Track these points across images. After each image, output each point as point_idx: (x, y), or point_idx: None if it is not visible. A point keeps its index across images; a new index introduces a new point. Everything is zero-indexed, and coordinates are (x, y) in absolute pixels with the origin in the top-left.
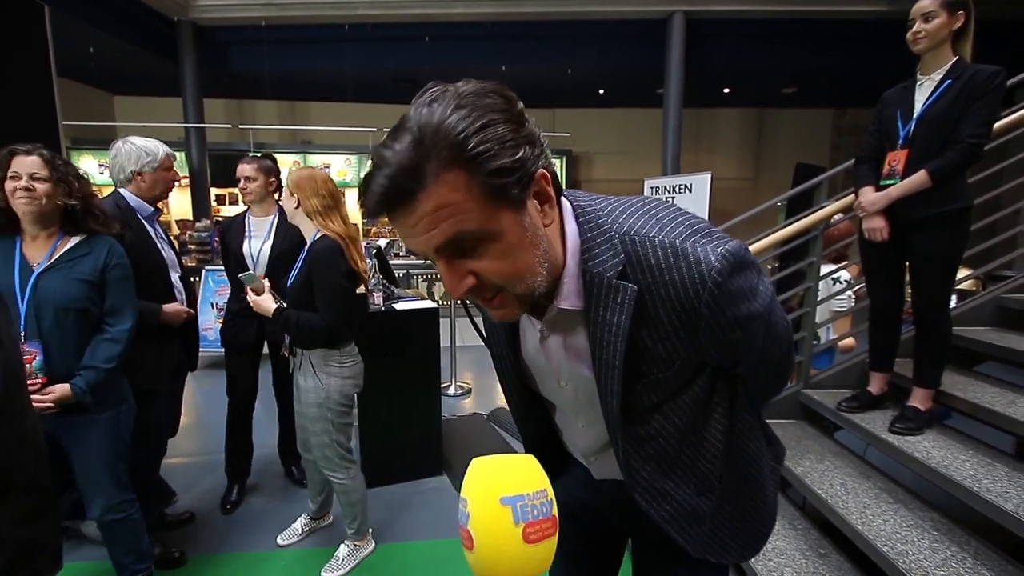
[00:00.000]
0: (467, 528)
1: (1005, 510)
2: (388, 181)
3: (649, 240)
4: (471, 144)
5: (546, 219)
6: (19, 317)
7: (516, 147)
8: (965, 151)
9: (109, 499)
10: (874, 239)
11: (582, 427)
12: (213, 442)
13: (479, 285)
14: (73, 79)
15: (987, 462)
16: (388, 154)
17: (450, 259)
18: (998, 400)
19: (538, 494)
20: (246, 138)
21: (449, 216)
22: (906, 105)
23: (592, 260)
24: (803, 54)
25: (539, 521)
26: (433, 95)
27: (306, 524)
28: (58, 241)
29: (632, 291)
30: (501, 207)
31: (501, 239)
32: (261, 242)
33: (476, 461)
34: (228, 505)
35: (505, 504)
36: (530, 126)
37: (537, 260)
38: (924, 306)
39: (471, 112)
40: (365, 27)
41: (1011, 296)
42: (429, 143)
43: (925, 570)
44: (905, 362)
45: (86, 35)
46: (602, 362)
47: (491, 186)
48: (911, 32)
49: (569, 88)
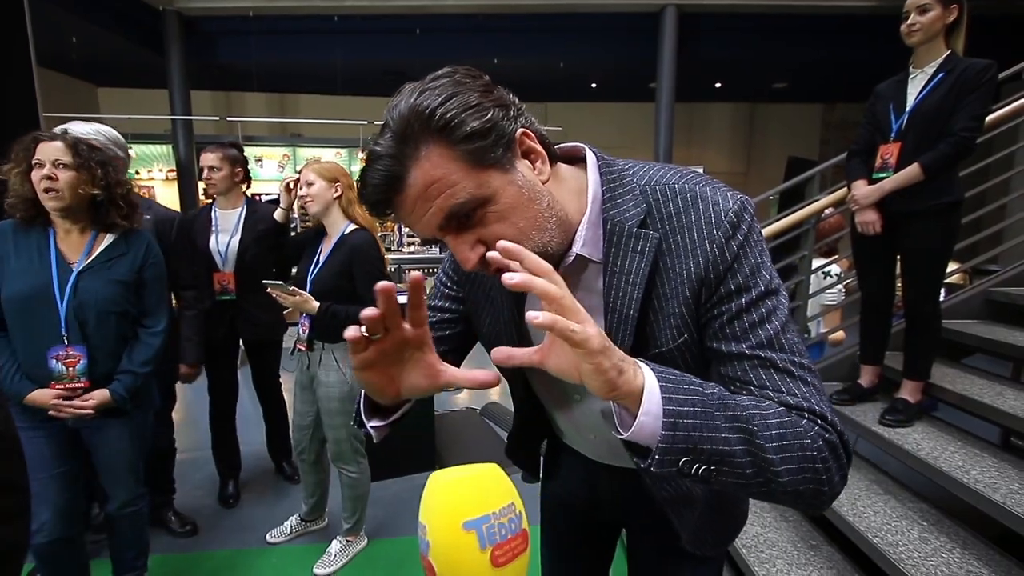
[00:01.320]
0: (427, 559)
1: (993, 500)
2: (379, 172)
3: (669, 187)
4: (437, 115)
5: (541, 175)
6: (59, 319)
7: (484, 110)
8: (957, 144)
9: (129, 494)
10: (867, 232)
11: (578, 399)
12: (200, 439)
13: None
14: (55, 70)
15: (975, 453)
16: (376, 149)
17: (456, 234)
18: (986, 392)
19: (505, 510)
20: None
21: (440, 191)
22: (899, 98)
23: (613, 209)
24: (794, 49)
25: (508, 540)
26: (402, 91)
27: (296, 525)
28: (93, 239)
29: (653, 238)
30: (488, 170)
31: (497, 201)
32: (228, 237)
33: (433, 479)
34: (230, 500)
35: (469, 529)
36: (500, 92)
37: (542, 215)
38: (915, 299)
39: (433, 91)
40: (355, 19)
41: (998, 289)
42: (403, 128)
43: (915, 560)
44: (895, 355)
45: (67, 24)
46: (615, 313)
47: (470, 151)
48: (906, 24)
49: (561, 82)
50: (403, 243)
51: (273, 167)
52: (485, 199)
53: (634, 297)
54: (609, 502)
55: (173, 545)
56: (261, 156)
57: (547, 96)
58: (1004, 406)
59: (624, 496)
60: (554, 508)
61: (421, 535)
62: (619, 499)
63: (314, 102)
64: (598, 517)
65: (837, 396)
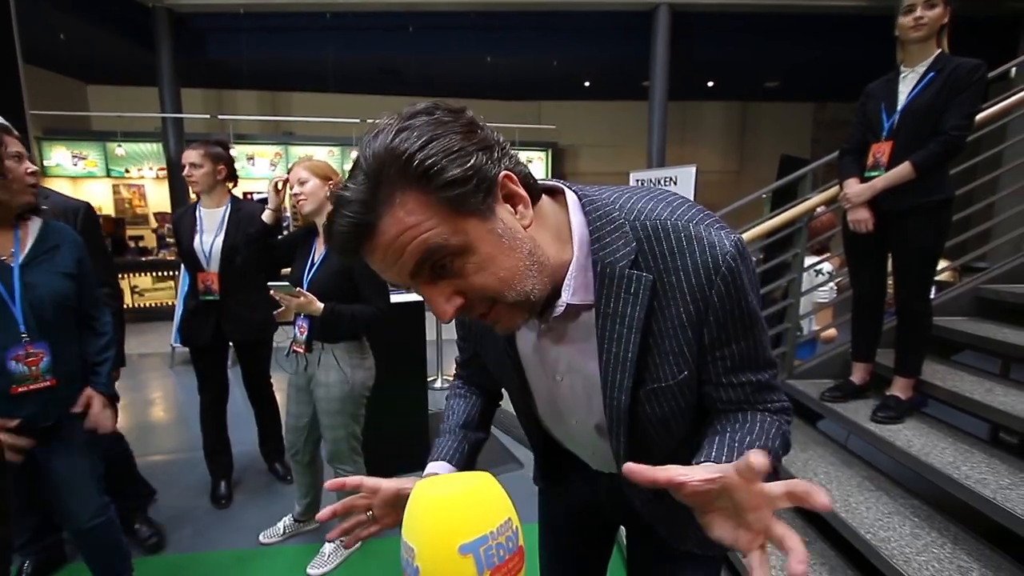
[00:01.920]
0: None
1: (983, 496)
2: (348, 220)
3: (661, 223)
4: (415, 162)
5: (523, 220)
6: (15, 317)
7: (466, 155)
8: (948, 143)
9: (95, 503)
10: (859, 231)
11: (574, 423)
12: (193, 439)
13: (468, 304)
14: (43, 67)
15: (965, 449)
16: (345, 194)
17: (429, 283)
18: (975, 388)
19: (503, 528)
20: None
21: (412, 238)
22: (889, 97)
23: (603, 250)
24: (786, 48)
25: (506, 561)
26: (377, 128)
27: (289, 526)
28: (17, 231)
29: (647, 280)
30: (465, 218)
31: (475, 251)
32: (213, 236)
33: (420, 491)
34: (222, 500)
35: (465, 553)
36: (484, 132)
37: (522, 264)
38: (907, 296)
39: (412, 132)
40: (347, 15)
41: (987, 287)
42: (377, 172)
43: (907, 555)
44: (886, 352)
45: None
46: (611, 355)
47: (448, 199)
48: (912, 18)
49: (555, 80)
50: None
51: (265, 165)
52: (462, 248)
53: (631, 340)
54: (610, 504)
55: (166, 545)
56: (253, 154)
57: (540, 94)
58: (993, 402)
59: (625, 498)
60: (554, 508)
61: (407, 557)
62: (621, 501)
63: (306, 100)
64: (598, 518)
65: (829, 393)
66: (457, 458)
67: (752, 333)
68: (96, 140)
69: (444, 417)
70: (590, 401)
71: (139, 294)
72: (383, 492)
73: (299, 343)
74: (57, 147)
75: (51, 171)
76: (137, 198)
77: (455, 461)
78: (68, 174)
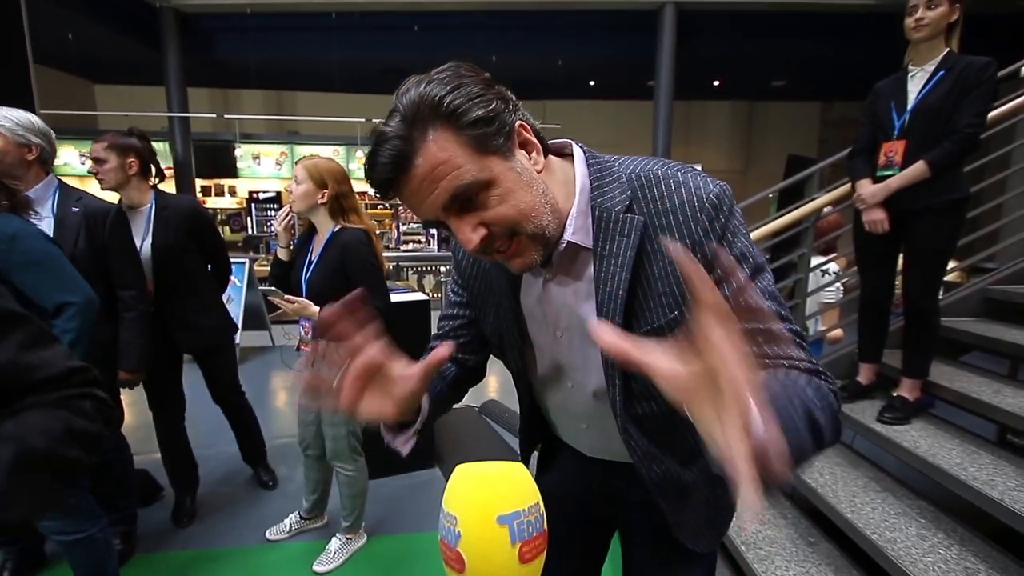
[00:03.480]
0: (456, 549)
1: (990, 497)
2: (388, 152)
3: (653, 174)
4: (446, 102)
5: (536, 165)
6: None
7: (488, 100)
8: (963, 141)
9: (69, 525)
10: (875, 231)
11: (571, 387)
12: (196, 436)
13: (491, 235)
14: (52, 67)
15: (972, 450)
16: (386, 130)
17: (458, 215)
18: (983, 389)
19: (532, 508)
20: (231, 128)
21: (445, 174)
22: (899, 96)
23: (601, 197)
24: (793, 47)
25: (534, 538)
26: (408, 83)
27: (296, 523)
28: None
29: (638, 222)
30: (490, 156)
31: (498, 185)
32: (141, 239)
33: (463, 470)
34: (184, 518)
35: (503, 523)
36: (499, 87)
37: (539, 200)
38: (916, 296)
39: (442, 81)
40: (353, 15)
41: (995, 287)
42: (413, 113)
43: (912, 557)
44: (893, 353)
45: (65, 21)
46: (605, 295)
47: (475, 137)
48: (913, 19)
49: (560, 80)
50: (400, 241)
51: (271, 164)
52: (487, 182)
53: (622, 278)
54: (602, 496)
55: (173, 542)
56: (259, 153)
57: (545, 94)
58: (1001, 403)
59: (618, 490)
60: (546, 503)
61: (448, 525)
62: (614, 494)
63: (312, 99)
64: (591, 512)
65: None
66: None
67: (748, 275)
68: None
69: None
70: (587, 358)
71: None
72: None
73: (305, 341)
74: (65, 146)
75: (59, 170)
76: None
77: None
78: (76, 173)
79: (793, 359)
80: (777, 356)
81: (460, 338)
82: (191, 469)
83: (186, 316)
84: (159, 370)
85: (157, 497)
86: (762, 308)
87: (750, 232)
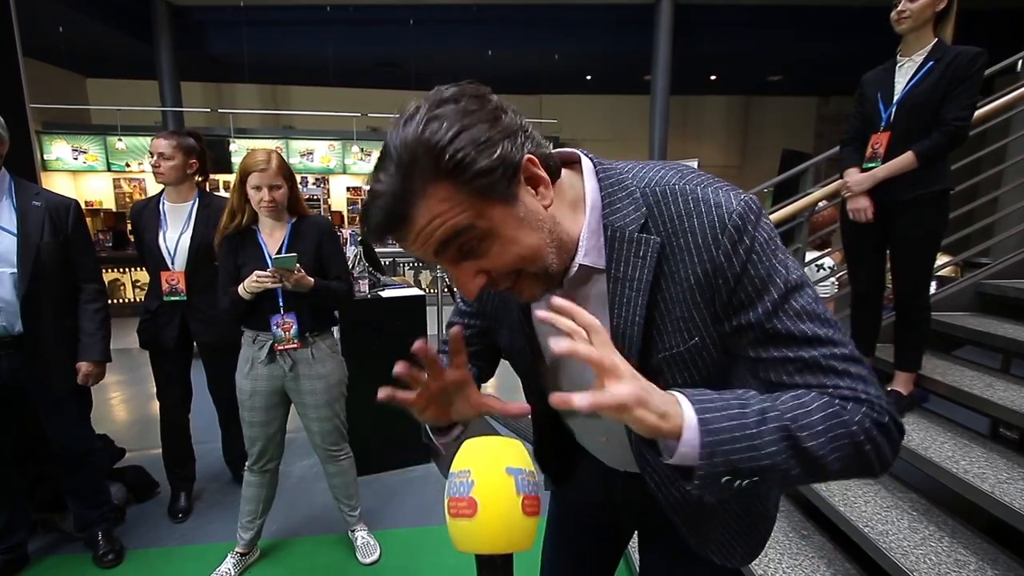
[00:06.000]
0: (468, 497)
1: (981, 490)
2: (383, 210)
3: (670, 188)
4: (447, 155)
5: (544, 200)
6: None
7: (493, 146)
8: (951, 133)
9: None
10: (859, 219)
11: None
12: (196, 431)
13: (492, 281)
14: (43, 60)
15: (964, 444)
16: (379, 186)
17: (454, 262)
18: (976, 383)
19: (531, 473)
20: (225, 123)
21: (442, 224)
22: (886, 87)
23: (613, 215)
24: (789, 41)
25: (534, 495)
26: (406, 114)
27: (236, 565)
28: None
29: (655, 243)
30: (491, 204)
31: (499, 234)
32: (179, 233)
33: (471, 441)
34: (180, 514)
35: (510, 474)
36: (508, 118)
37: (543, 241)
38: (906, 291)
39: (442, 122)
40: (347, 9)
41: (988, 282)
42: (409, 164)
43: (904, 549)
44: (886, 347)
45: (55, 14)
46: (621, 319)
47: (476, 187)
48: (895, 11)
49: (556, 74)
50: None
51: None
52: (487, 232)
53: (638, 303)
54: (625, 507)
55: (168, 537)
56: (253, 148)
57: (542, 88)
58: (993, 397)
59: (642, 502)
60: (566, 511)
61: (459, 480)
62: (636, 505)
63: (306, 94)
64: (612, 521)
65: None
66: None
67: (774, 297)
68: (96, 134)
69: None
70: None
71: (140, 288)
72: (449, 375)
73: (288, 340)
74: (57, 141)
75: (51, 165)
76: (138, 192)
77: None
78: (69, 168)
79: (827, 387)
80: (809, 385)
81: (471, 346)
82: (189, 461)
83: (206, 310)
84: (174, 359)
85: (153, 493)
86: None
87: None
